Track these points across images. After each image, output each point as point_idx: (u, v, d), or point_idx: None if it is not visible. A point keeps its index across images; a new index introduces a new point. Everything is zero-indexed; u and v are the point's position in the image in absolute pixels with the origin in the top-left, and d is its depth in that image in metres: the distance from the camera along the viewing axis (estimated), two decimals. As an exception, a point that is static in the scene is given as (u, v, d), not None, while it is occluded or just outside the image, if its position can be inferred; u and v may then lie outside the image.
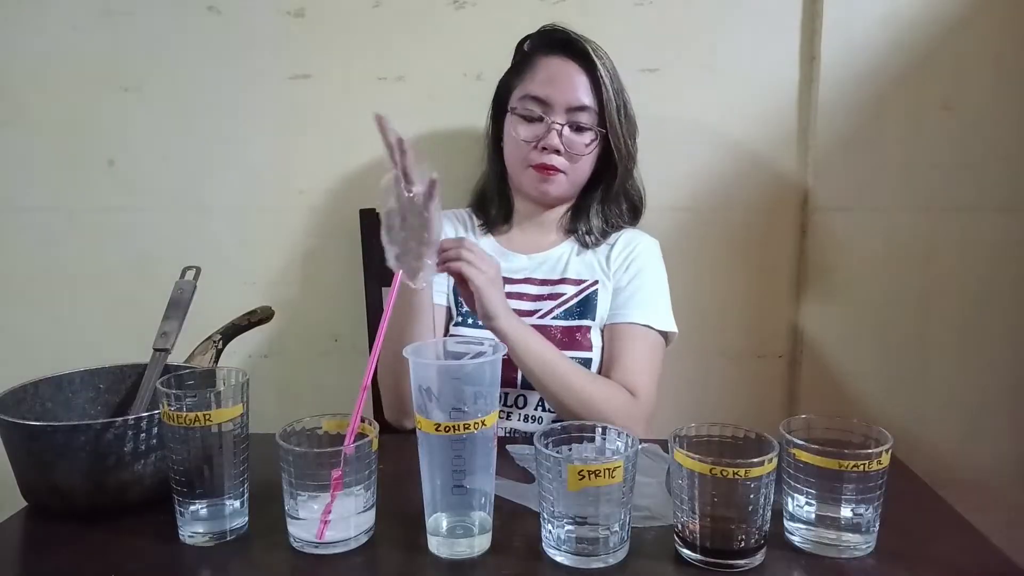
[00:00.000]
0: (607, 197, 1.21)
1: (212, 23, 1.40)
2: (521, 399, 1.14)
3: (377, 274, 1.40)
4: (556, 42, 1.17)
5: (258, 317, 1.07)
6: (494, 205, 1.24)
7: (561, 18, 1.37)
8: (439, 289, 1.18)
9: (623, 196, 1.23)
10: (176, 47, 1.41)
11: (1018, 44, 1.34)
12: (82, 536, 0.77)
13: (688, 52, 1.39)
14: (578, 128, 1.14)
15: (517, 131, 1.15)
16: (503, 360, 0.74)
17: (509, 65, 1.24)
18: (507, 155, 1.20)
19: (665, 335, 1.16)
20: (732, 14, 1.37)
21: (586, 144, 1.14)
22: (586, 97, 1.13)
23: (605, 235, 1.22)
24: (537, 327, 1.06)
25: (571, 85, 1.13)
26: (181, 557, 0.73)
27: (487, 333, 0.99)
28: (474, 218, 1.27)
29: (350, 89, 1.42)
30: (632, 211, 1.25)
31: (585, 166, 1.17)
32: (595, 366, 1.14)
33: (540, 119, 1.13)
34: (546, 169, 1.13)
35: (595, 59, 1.13)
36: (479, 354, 0.73)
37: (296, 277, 1.49)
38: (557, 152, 1.13)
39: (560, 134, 1.12)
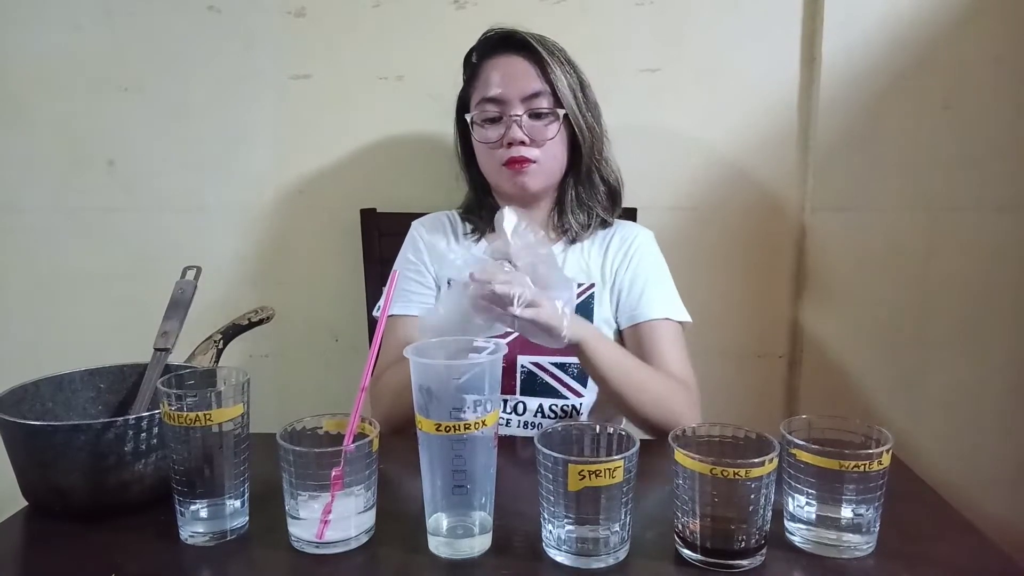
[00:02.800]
0: (579, 180, 1.20)
1: (212, 23, 1.40)
2: (520, 405, 1.13)
3: (377, 274, 1.40)
4: (496, 43, 1.17)
5: (258, 317, 1.07)
6: (482, 215, 1.23)
7: (561, 18, 1.37)
8: (429, 302, 1.18)
9: (600, 181, 1.21)
10: (176, 47, 1.41)
11: (1018, 44, 1.34)
12: (82, 536, 0.77)
13: (688, 52, 1.39)
14: (537, 115, 1.13)
15: (481, 136, 1.15)
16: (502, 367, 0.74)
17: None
18: (481, 163, 1.20)
19: (682, 324, 1.16)
20: (732, 14, 1.37)
21: (547, 126, 1.13)
22: (536, 83, 1.13)
23: (589, 228, 1.21)
24: None
25: (519, 76, 1.13)
26: (181, 557, 0.73)
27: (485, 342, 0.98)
28: (463, 224, 1.25)
29: (350, 89, 1.42)
30: (610, 196, 1.23)
31: (555, 150, 1.15)
32: None
33: (499, 118, 1.13)
34: (517, 162, 1.13)
35: (536, 45, 1.13)
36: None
37: (296, 277, 1.49)
38: (523, 143, 1.12)
39: (520, 125, 1.12)
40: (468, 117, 1.17)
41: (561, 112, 1.13)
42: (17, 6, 1.40)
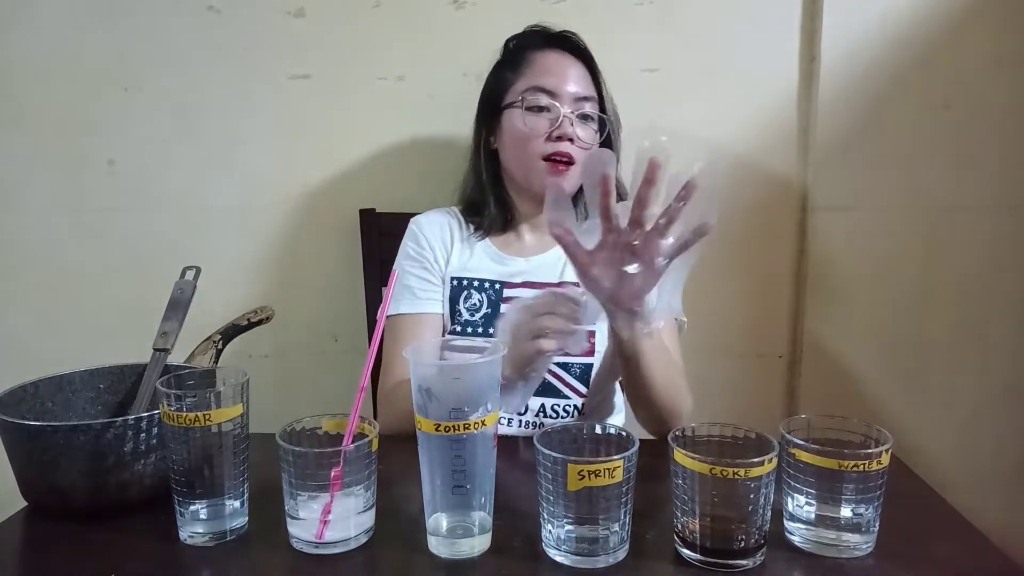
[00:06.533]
0: None
1: (212, 23, 1.40)
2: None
3: (376, 274, 1.40)
4: (548, 38, 1.18)
5: (258, 317, 1.07)
6: (490, 210, 1.20)
7: (561, 18, 1.36)
8: (436, 298, 1.18)
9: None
10: (176, 47, 1.41)
11: (1018, 44, 1.34)
12: (82, 536, 0.77)
13: (688, 52, 1.39)
14: (583, 117, 1.13)
15: (525, 123, 1.12)
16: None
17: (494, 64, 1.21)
18: (511, 151, 1.16)
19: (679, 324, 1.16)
20: (732, 14, 1.37)
21: (595, 132, 1.15)
22: (589, 88, 1.14)
23: None
24: None
25: (573, 76, 1.13)
26: (181, 557, 0.73)
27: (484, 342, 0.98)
28: (466, 222, 1.22)
29: (350, 89, 1.42)
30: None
31: None
32: (595, 369, 1.13)
33: (548, 109, 1.12)
34: (560, 163, 1.11)
35: (589, 52, 1.16)
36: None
37: (296, 277, 1.49)
38: (571, 141, 1.11)
39: (572, 123, 1.11)
40: (519, 96, 1.13)
41: (606, 118, 1.15)
42: (17, 6, 1.40)
